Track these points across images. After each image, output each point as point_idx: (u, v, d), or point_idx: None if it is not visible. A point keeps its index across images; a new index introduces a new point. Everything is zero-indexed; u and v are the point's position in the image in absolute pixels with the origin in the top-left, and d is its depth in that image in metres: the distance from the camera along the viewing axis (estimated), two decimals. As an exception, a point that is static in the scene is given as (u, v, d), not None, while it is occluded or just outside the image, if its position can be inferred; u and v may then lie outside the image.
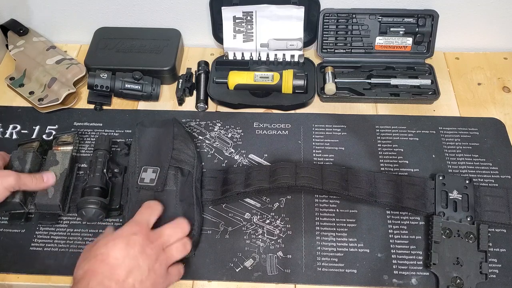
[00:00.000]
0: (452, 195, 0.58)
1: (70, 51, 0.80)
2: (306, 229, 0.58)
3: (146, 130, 0.63)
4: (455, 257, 0.54)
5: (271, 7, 0.70)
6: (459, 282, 0.52)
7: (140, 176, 0.58)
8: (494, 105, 0.71)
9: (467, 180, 0.59)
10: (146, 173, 0.58)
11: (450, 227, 0.56)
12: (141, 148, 0.61)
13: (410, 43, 0.73)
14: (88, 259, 0.46)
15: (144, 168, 0.59)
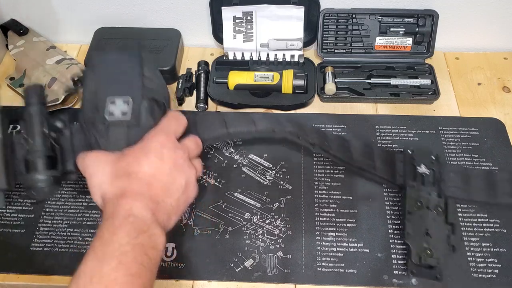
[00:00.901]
0: (420, 169, 0.59)
1: (70, 51, 0.80)
2: (306, 229, 0.58)
3: (105, 56, 0.52)
4: (425, 229, 0.55)
5: (271, 7, 0.71)
6: (430, 253, 0.53)
7: (107, 110, 0.46)
8: (494, 105, 0.71)
9: (433, 156, 0.61)
10: (114, 105, 0.46)
11: (421, 199, 0.57)
12: (102, 76, 0.49)
13: (410, 43, 0.73)
14: (120, 176, 0.41)
15: (111, 99, 0.46)
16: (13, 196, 0.61)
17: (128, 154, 0.43)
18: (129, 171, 0.42)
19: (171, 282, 0.55)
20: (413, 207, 0.56)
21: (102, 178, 0.43)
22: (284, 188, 0.62)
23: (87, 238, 0.58)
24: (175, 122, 0.47)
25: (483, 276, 0.54)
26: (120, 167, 0.42)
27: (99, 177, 0.43)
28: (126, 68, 0.50)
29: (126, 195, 0.40)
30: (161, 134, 0.45)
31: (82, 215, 0.60)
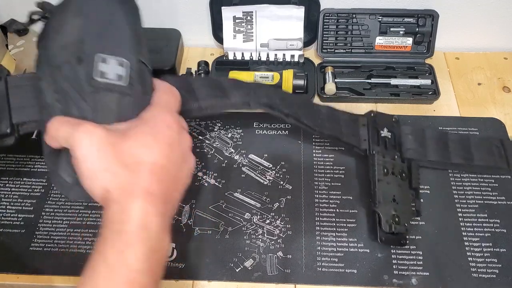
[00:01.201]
0: (383, 133, 0.60)
1: (70, 51, 0.80)
2: (306, 229, 0.58)
3: None
4: (392, 195, 0.56)
5: (271, 7, 0.71)
6: (397, 220, 0.54)
7: (97, 69, 0.37)
8: (494, 105, 0.71)
9: (394, 119, 0.62)
10: (107, 65, 0.37)
11: (386, 165, 0.58)
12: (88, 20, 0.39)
13: (410, 43, 0.73)
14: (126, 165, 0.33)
15: (102, 57, 0.37)
16: (13, 196, 0.61)
17: (133, 135, 0.35)
18: (138, 159, 0.34)
19: (171, 282, 0.55)
20: (381, 175, 0.57)
21: (101, 163, 0.33)
22: (284, 188, 0.62)
23: (87, 238, 0.58)
24: (173, 97, 0.41)
25: (483, 276, 0.54)
26: (125, 152, 0.34)
27: (97, 162, 0.33)
28: (120, 16, 0.40)
29: (136, 195, 0.33)
30: (166, 112, 0.38)
31: (82, 215, 0.60)
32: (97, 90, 0.37)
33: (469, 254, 0.56)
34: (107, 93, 0.37)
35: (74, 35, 0.38)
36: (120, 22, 0.40)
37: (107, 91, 0.37)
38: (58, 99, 0.37)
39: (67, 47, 0.38)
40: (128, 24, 0.40)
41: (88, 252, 0.56)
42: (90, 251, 0.56)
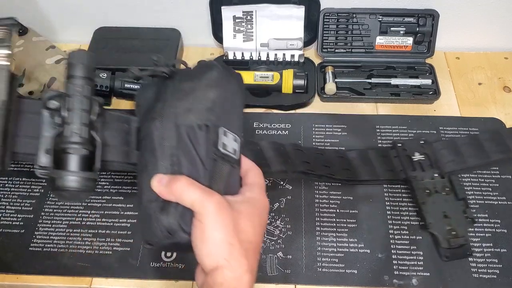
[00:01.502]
0: (415, 157, 0.61)
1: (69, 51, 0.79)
2: (306, 230, 0.58)
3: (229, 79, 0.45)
4: (441, 212, 0.57)
5: (271, 7, 0.70)
6: (454, 233, 0.55)
7: (221, 140, 0.41)
8: (495, 105, 0.71)
9: (421, 141, 0.63)
10: (227, 138, 0.42)
11: (427, 186, 0.59)
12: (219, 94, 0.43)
13: (410, 43, 0.73)
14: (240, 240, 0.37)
15: (224, 130, 0.42)
16: (13, 196, 0.61)
17: (245, 214, 0.39)
18: (249, 238, 0.38)
19: (171, 282, 0.54)
20: (424, 197, 0.58)
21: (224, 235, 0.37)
22: (284, 188, 0.62)
23: (87, 239, 0.57)
24: (262, 179, 0.44)
25: (484, 276, 0.54)
26: (241, 230, 0.38)
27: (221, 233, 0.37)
28: (239, 96, 0.46)
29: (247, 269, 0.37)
30: (264, 195, 0.42)
31: (81, 215, 0.59)
32: (217, 159, 0.41)
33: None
34: (224, 163, 0.41)
35: (204, 103, 0.42)
36: (238, 101, 0.46)
37: (224, 161, 0.41)
38: (172, 154, 0.40)
39: (195, 112, 0.41)
40: (242, 105, 0.46)
41: (87, 252, 0.56)
42: (89, 251, 0.56)
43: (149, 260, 0.56)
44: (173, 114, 0.41)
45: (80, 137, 0.39)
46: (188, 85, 0.43)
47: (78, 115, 0.39)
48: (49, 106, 0.39)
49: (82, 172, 0.39)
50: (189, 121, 0.41)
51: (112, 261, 0.56)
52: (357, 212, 0.59)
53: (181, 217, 0.38)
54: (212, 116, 0.42)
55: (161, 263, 0.56)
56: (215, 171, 0.40)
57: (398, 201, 0.60)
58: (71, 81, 0.40)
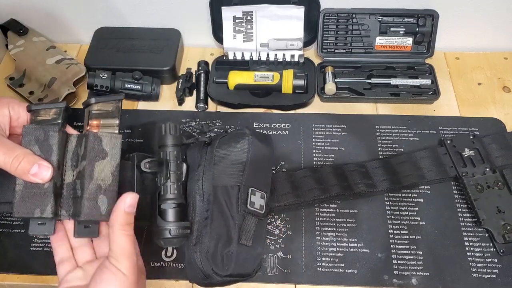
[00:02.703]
0: (466, 153, 0.61)
1: (70, 51, 0.80)
2: (306, 229, 0.58)
3: (259, 145, 0.55)
4: (495, 207, 0.57)
5: (271, 7, 0.70)
6: (509, 227, 0.55)
7: (250, 199, 0.52)
8: (495, 105, 0.71)
9: (471, 136, 0.63)
10: (255, 196, 0.52)
11: (479, 182, 0.59)
12: (252, 163, 0.54)
13: (410, 43, 0.73)
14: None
15: (253, 190, 0.52)
16: (13, 196, 0.61)
17: None
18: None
19: (171, 282, 0.55)
20: (476, 193, 0.58)
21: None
22: (284, 188, 0.62)
23: (87, 238, 0.57)
24: None
25: (484, 276, 0.54)
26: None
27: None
28: (265, 162, 0.55)
29: None
30: None
31: (82, 215, 0.59)
32: (246, 215, 0.51)
33: (469, 254, 0.56)
34: (251, 217, 0.51)
35: (236, 167, 0.53)
36: (267, 162, 0.56)
37: (252, 216, 0.51)
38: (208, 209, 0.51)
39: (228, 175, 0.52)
40: (271, 164, 0.57)
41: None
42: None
43: (149, 260, 0.56)
44: (211, 176, 0.52)
45: (179, 193, 0.49)
46: (223, 152, 0.54)
47: (177, 177, 0.49)
48: (144, 167, 0.48)
49: (184, 222, 0.48)
50: (224, 182, 0.52)
51: (112, 261, 0.56)
52: (357, 212, 0.59)
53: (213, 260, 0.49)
54: (243, 178, 0.52)
55: (161, 262, 0.56)
56: (244, 224, 0.51)
57: (397, 201, 0.60)
58: (167, 149, 0.50)
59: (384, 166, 0.61)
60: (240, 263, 0.50)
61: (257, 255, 0.51)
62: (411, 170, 0.61)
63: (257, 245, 0.51)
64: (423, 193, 0.61)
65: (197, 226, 0.50)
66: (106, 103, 0.46)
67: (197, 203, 0.51)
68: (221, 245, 0.50)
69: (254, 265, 0.51)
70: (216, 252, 0.49)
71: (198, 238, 0.50)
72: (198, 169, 0.53)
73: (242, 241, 0.50)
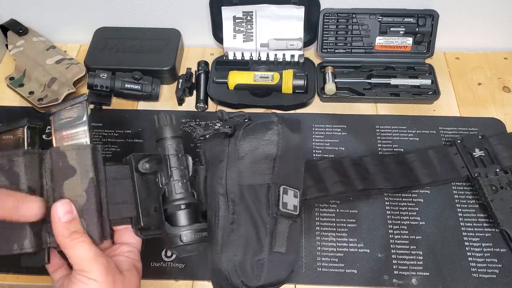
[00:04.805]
0: (476, 153, 0.60)
1: (70, 51, 0.80)
2: (306, 229, 0.58)
3: (289, 134, 0.48)
4: (509, 208, 0.56)
5: (271, 7, 0.70)
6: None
7: (282, 200, 0.45)
8: (494, 105, 0.71)
9: (479, 136, 0.62)
10: (287, 195, 0.46)
11: (493, 182, 0.58)
12: (282, 157, 0.47)
13: (410, 43, 0.73)
14: None
15: (285, 189, 0.46)
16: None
17: None
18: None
19: (171, 282, 0.55)
20: (492, 194, 0.57)
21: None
22: (284, 188, 0.62)
23: (87, 238, 0.57)
24: None
25: (484, 276, 0.54)
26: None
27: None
28: (298, 154, 0.48)
29: None
30: None
31: (82, 215, 0.59)
32: (278, 217, 0.45)
33: (469, 254, 0.56)
34: (284, 220, 0.45)
35: (265, 162, 0.45)
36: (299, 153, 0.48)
37: (285, 218, 0.45)
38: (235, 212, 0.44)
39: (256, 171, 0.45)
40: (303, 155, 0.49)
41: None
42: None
43: (149, 260, 0.55)
44: (236, 173, 0.44)
45: (187, 192, 0.42)
46: (249, 145, 0.46)
47: (181, 173, 0.42)
48: (143, 168, 0.41)
49: (197, 224, 0.41)
50: (251, 181, 0.45)
51: (112, 261, 0.56)
52: (357, 212, 0.59)
53: None
54: (273, 175, 0.45)
55: (161, 262, 0.56)
56: (277, 229, 0.44)
57: (397, 201, 0.60)
58: (166, 142, 0.43)
59: (399, 162, 0.61)
60: (273, 272, 0.45)
61: (291, 261, 0.47)
62: (424, 168, 0.60)
63: (291, 250, 0.46)
64: (423, 193, 0.61)
65: (222, 233, 0.44)
66: (69, 109, 0.40)
67: (221, 205, 0.44)
68: (250, 254, 0.44)
69: (287, 271, 0.46)
70: (245, 262, 0.44)
71: (223, 246, 0.44)
72: (220, 165, 0.45)
73: (276, 249, 0.44)
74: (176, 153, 0.43)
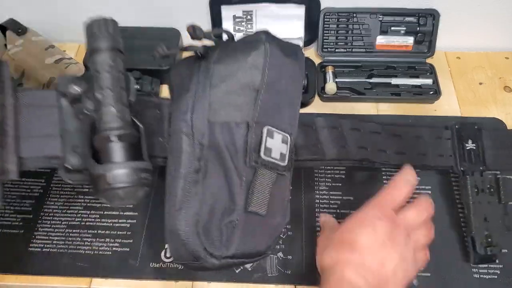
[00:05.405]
0: (468, 145, 0.54)
1: (69, 50, 0.79)
2: (306, 230, 0.58)
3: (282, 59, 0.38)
4: (483, 214, 0.52)
5: (271, 6, 0.70)
6: (490, 240, 0.51)
7: (265, 144, 0.34)
8: (496, 105, 0.70)
9: (476, 127, 0.55)
10: (272, 140, 0.35)
11: (477, 184, 0.52)
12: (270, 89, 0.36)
13: (411, 43, 0.73)
14: (333, 246, 0.39)
15: (270, 131, 0.35)
16: (12, 196, 0.61)
17: (345, 225, 0.41)
18: (343, 239, 0.39)
19: (170, 283, 0.54)
20: (474, 196, 0.52)
21: (323, 243, 0.41)
22: (284, 188, 0.61)
23: (86, 239, 0.57)
24: (394, 193, 0.42)
25: (485, 277, 0.54)
26: (334, 237, 0.40)
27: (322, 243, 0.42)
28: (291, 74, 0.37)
29: (338, 265, 0.37)
30: (376, 205, 0.42)
31: (81, 215, 0.59)
32: (258, 167, 0.34)
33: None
34: (266, 172, 0.35)
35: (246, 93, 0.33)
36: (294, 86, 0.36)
37: (267, 169, 0.35)
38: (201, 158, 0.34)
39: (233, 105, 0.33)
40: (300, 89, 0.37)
41: (87, 252, 0.56)
42: (89, 252, 0.56)
43: (149, 260, 0.55)
44: (206, 107, 0.34)
45: (123, 120, 0.31)
46: (226, 69, 0.34)
47: (116, 94, 0.31)
48: (70, 91, 0.32)
49: (134, 162, 0.31)
50: (225, 117, 0.34)
51: (112, 262, 0.55)
52: (358, 212, 0.59)
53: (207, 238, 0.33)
54: (256, 111, 0.34)
55: (160, 263, 0.55)
56: (255, 181, 0.34)
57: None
58: (98, 55, 0.32)
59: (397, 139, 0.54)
60: (248, 239, 0.36)
61: (275, 226, 0.38)
62: (419, 150, 0.54)
63: (275, 212, 0.37)
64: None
65: (183, 183, 0.34)
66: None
67: (184, 147, 0.34)
68: (219, 213, 0.35)
69: (269, 239, 0.37)
70: (211, 224, 0.34)
71: (183, 201, 0.34)
72: (187, 96, 0.35)
73: (252, 208, 0.35)
74: (111, 70, 0.33)
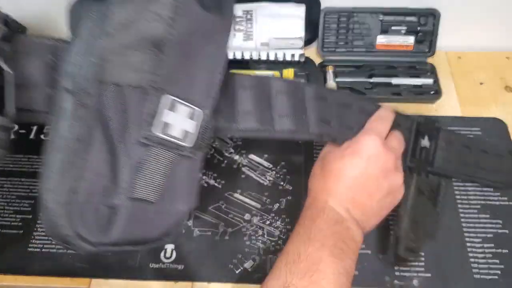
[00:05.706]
0: (424, 142, 0.51)
1: (69, 50, 0.79)
2: (306, 230, 0.57)
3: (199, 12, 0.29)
4: (416, 217, 0.50)
5: (271, 6, 0.70)
6: (414, 245, 0.50)
7: (160, 118, 0.28)
8: (497, 105, 0.70)
9: (436, 124, 0.53)
10: (175, 113, 0.28)
11: (421, 185, 0.50)
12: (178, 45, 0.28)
13: (411, 42, 0.72)
14: (323, 172, 0.45)
15: (171, 101, 0.28)
16: (11, 197, 0.61)
17: (336, 152, 0.44)
18: (332, 167, 0.44)
19: (170, 283, 0.54)
20: (416, 197, 0.50)
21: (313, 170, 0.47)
22: (284, 188, 0.61)
23: (86, 239, 0.57)
24: (383, 123, 0.47)
25: (485, 277, 0.54)
26: (326, 163, 0.45)
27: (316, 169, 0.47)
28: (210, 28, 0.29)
29: (323, 191, 0.43)
30: (369, 137, 0.45)
31: (80, 215, 0.59)
32: (151, 144, 0.28)
33: (471, 255, 0.55)
34: (162, 151, 0.28)
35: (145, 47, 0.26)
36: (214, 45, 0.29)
37: (163, 148, 0.28)
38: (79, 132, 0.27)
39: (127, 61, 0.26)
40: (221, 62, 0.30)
41: (87, 253, 0.56)
42: (89, 252, 0.56)
43: (148, 260, 0.55)
44: (95, 61, 0.27)
45: None
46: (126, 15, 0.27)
47: None
48: None
49: None
50: (118, 77, 0.27)
51: (111, 262, 0.55)
52: (358, 213, 0.59)
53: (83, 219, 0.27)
54: (155, 75, 0.27)
55: (160, 264, 0.55)
56: (144, 162, 0.28)
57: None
58: None
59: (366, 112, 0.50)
60: (133, 226, 0.30)
61: (173, 213, 0.32)
62: None
63: (173, 198, 0.31)
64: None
65: (59, 153, 0.27)
66: None
67: (64, 108, 0.27)
68: (98, 193, 0.28)
69: (163, 227, 0.31)
70: (88, 204, 0.28)
71: (58, 174, 0.28)
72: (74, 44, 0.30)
73: (138, 193, 0.29)
74: None
